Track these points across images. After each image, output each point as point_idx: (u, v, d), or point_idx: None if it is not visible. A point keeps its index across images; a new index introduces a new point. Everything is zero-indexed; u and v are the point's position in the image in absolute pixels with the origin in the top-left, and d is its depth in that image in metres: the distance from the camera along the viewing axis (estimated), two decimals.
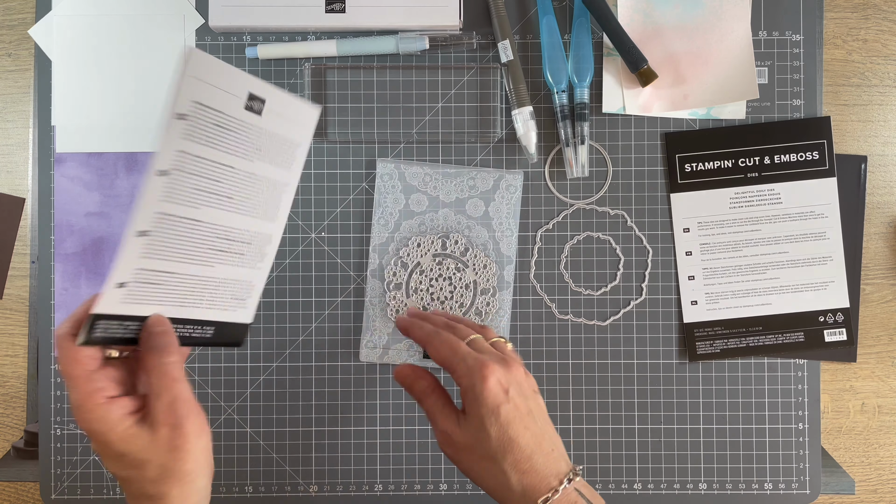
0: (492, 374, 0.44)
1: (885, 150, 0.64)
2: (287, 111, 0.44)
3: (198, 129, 0.40)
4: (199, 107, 0.39)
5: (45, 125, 0.62)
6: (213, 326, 0.46)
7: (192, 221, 0.41)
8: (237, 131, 0.42)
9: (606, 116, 0.63)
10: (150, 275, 0.41)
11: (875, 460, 0.63)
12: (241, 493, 0.62)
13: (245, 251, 0.45)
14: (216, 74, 0.39)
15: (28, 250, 0.64)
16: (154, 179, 0.39)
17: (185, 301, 0.44)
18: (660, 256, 0.63)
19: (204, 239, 0.43)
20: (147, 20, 0.62)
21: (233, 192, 0.43)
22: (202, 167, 0.41)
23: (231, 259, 0.45)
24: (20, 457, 0.63)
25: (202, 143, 0.40)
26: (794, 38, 0.62)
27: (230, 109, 0.41)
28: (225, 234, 0.43)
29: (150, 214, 0.39)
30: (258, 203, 0.45)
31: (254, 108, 0.42)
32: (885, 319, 0.63)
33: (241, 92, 0.41)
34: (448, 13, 0.60)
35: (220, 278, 0.45)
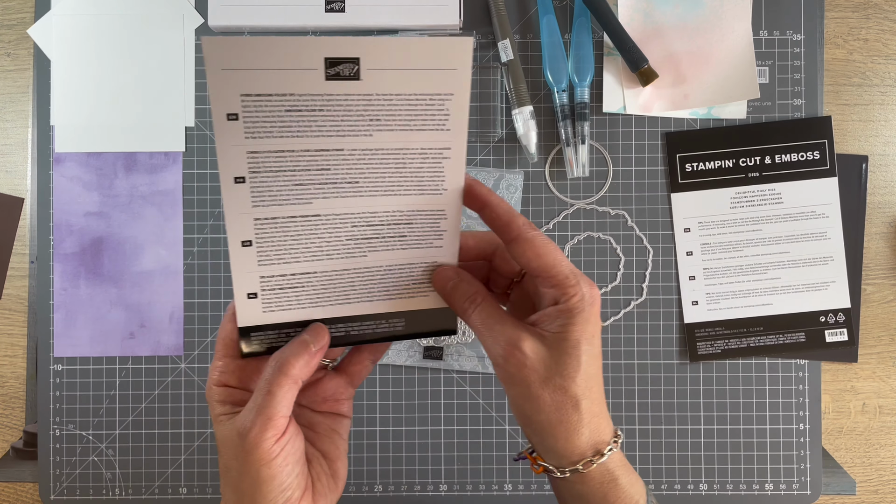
0: (599, 296, 0.37)
1: (886, 149, 0.63)
2: (408, 59, 0.34)
3: (260, 123, 0.33)
4: (251, 99, 0.33)
5: (45, 125, 0.62)
6: (401, 318, 0.40)
7: (308, 218, 0.36)
8: (326, 109, 0.34)
9: (607, 116, 0.62)
10: (281, 280, 0.37)
11: (876, 461, 0.63)
12: None
13: (406, 232, 0.38)
14: (256, 55, 0.32)
15: (27, 250, 0.63)
16: (232, 188, 0.34)
17: (349, 297, 0.39)
18: (660, 256, 0.63)
19: (334, 231, 0.37)
20: (146, 20, 0.62)
21: (355, 175, 0.36)
22: (290, 161, 0.35)
23: (386, 244, 0.38)
24: (19, 457, 0.63)
25: (276, 137, 0.34)
26: (795, 37, 0.62)
27: (303, 86, 0.33)
28: (364, 220, 0.37)
29: (246, 224, 0.35)
30: (402, 179, 0.37)
31: (343, 74, 0.33)
32: (886, 320, 0.63)
33: (310, 62, 0.33)
34: (448, 12, 0.60)
35: (383, 266, 0.38)
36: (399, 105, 0.35)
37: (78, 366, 0.62)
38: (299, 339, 0.37)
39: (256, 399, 0.35)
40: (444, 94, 0.35)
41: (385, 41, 0.33)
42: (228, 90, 0.32)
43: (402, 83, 0.34)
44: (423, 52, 0.33)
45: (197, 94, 0.62)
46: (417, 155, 0.36)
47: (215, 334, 0.62)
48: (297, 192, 0.35)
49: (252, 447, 0.34)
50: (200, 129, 0.62)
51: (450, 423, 0.62)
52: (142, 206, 0.62)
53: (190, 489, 0.62)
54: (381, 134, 0.35)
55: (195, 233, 0.62)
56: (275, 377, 0.35)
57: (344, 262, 0.38)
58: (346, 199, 0.36)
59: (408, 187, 0.37)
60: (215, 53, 0.31)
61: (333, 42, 0.32)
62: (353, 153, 0.35)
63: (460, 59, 0.34)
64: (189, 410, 0.62)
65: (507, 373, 0.36)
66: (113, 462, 0.62)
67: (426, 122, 0.35)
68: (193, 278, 0.62)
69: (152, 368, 0.62)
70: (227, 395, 0.37)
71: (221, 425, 0.36)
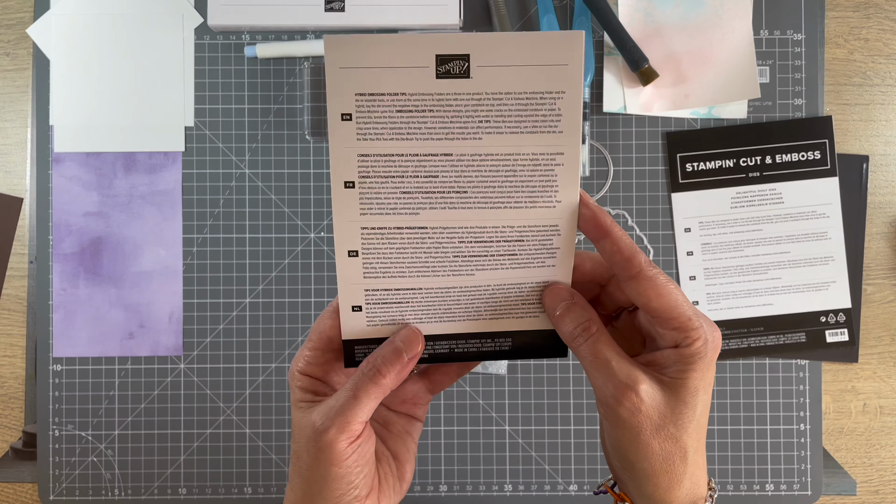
0: (720, 341, 0.35)
1: (886, 149, 0.63)
2: (518, 54, 0.32)
3: (372, 124, 0.33)
4: (365, 98, 0.32)
5: (44, 125, 0.62)
6: (508, 337, 0.38)
7: (414, 230, 0.35)
8: (436, 109, 0.33)
9: (607, 116, 0.62)
10: (386, 294, 0.36)
11: (877, 461, 0.63)
12: (240, 494, 0.62)
13: (517, 250, 0.36)
14: (372, 53, 0.32)
15: (26, 250, 0.63)
16: (342, 193, 0.34)
17: (454, 315, 0.37)
18: (661, 256, 0.62)
19: (440, 246, 0.36)
20: (146, 19, 0.62)
21: (463, 184, 0.35)
22: (399, 166, 0.34)
23: (495, 262, 0.36)
24: (18, 458, 0.63)
25: (386, 139, 0.33)
26: (796, 37, 0.62)
27: (414, 85, 0.32)
28: (472, 236, 0.36)
29: (353, 232, 0.34)
30: (513, 189, 0.35)
31: (453, 72, 0.32)
32: (887, 320, 0.63)
33: (422, 59, 0.32)
34: (448, 12, 0.60)
35: (491, 285, 0.37)
36: (509, 104, 0.33)
37: (77, 366, 0.62)
38: (393, 346, 0.36)
39: (340, 399, 0.35)
40: (556, 93, 0.33)
41: (495, 36, 0.32)
42: (345, 89, 0.32)
43: (511, 80, 0.33)
44: (533, 47, 0.32)
45: (196, 94, 0.62)
46: (528, 161, 0.34)
47: (215, 334, 0.62)
48: (404, 200, 0.34)
49: (326, 446, 0.34)
50: (200, 128, 0.62)
51: (450, 423, 0.62)
52: (141, 206, 0.62)
53: (189, 489, 0.62)
54: (490, 137, 0.34)
55: (195, 233, 0.62)
56: (363, 382, 0.35)
57: (450, 279, 0.36)
58: (454, 210, 0.35)
59: (518, 199, 0.35)
60: (335, 52, 0.31)
61: (444, 38, 0.32)
62: (462, 159, 0.34)
63: (572, 54, 0.32)
64: (188, 411, 0.62)
65: (618, 416, 0.34)
66: (112, 462, 0.62)
67: (537, 124, 0.34)
68: (193, 278, 0.62)
69: (151, 369, 0.62)
70: (309, 384, 0.37)
71: (300, 412, 0.36)
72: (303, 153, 0.62)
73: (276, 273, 0.62)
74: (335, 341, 0.36)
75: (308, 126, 0.61)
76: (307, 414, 0.35)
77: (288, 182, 0.62)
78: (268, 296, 0.62)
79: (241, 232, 0.62)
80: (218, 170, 0.62)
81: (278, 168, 0.62)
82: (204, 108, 0.62)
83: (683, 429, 0.34)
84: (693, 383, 0.34)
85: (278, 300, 0.62)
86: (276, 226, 0.62)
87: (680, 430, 0.34)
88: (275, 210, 0.62)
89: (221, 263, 0.62)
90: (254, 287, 0.62)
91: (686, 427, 0.34)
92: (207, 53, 0.62)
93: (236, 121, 0.62)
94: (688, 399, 0.34)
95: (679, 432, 0.34)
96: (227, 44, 0.62)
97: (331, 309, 0.37)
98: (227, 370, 0.62)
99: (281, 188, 0.62)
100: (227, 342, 0.62)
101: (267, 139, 0.62)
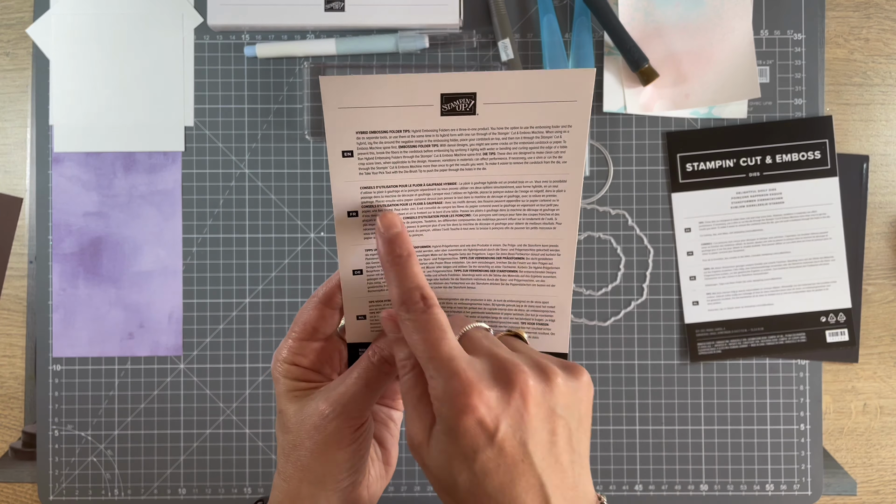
0: (478, 401, 0.29)
1: (887, 149, 0.63)
2: (526, 91, 0.33)
3: (375, 159, 0.33)
4: (366, 136, 0.33)
5: (43, 125, 0.62)
6: None
7: (418, 249, 0.36)
8: (441, 144, 0.33)
9: (607, 116, 0.62)
10: (389, 304, 0.37)
11: (877, 461, 0.63)
12: (240, 494, 0.62)
13: (517, 267, 0.37)
14: (371, 93, 0.32)
15: (26, 250, 0.63)
16: (345, 221, 0.34)
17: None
18: (661, 256, 0.62)
19: (443, 262, 0.37)
20: (146, 19, 0.62)
21: (466, 209, 0.35)
22: (403, 195, 0.34)
23: (495, 278, 0.37)
24: (18, 458, 0.63)
25: (389, 172, 0.34)
26: (796, 37, 0.62)
27: (418, 123, 0.33)
28: (473, 252, 0.36)
29: (357, 254, 0.35)
30: (515, 212, 0.36)
31: (458, 109, 0.33)
32: (887, 320, 0.63)
33: (426, 98, 0.32)
34: (448, 12, 0.60)
35: (492, 300, 0.38)
36: (515, 138, 0.34)
37: (77, 366, 0.62)
38: (397, 336, 0.35)
39: (348, 386, 0.35)
40: (563, 127, 0.33)
41: (503, 75, 0.32)
42: (344, 128, 0.32)
43: (518, 116, 0.33)
44: (543, 85, 0.32)
45: (196, 94, 0.62)
46: (531, 188, 0.35)
47: (215, 334, 0.62)
48: (408, 224, 0.35)
49: (335, 432, 0.34)
50: (200, 128, 0.62)
51: None
52: (141, 206, 0.62)
53: (189, 489, 0.62)
54: (494, 167, 0.34)
55: (194, 233, 0.62)
56: (370, 370, 0.35)
57: (451, 291, 0.37)
58: (455, 231, 0.36)
59: (520, 221, 0.36)
60: (333, 92, 0.31)
61: (449, 78, 0.32)
62: (466, 187, 0.35)
63: (581, 91, 0.32)
64: (188, 411, 0.62)
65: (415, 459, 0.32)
66: (112, 462, 0.62)
67: (542, 155, 0.34)
68: (192, 278, 0.62)
69: (151, 369, 0.62)
70: (297, 373, 0.37)
71: (294, 401, 0.36)
72: (303, 153, 0.62)
73: (276, 273, 0.62)
74: (319, 331, 0.37)
75: (308, 126, 0.61)
76: (308, 402, 0.35)
77: (288, 182, 0.62)
78: (268, 296, 0.62)
79: (241, 232, 0.62)
80: (218, 170, 0.62)
81: (278, 168, 0.62)
82: (204, 108, 0.62)
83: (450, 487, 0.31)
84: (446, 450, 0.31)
85: (278, 300, 0.62)
86: (276, 226, 0.62)
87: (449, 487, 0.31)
88: (275, 210, 0.62)
89: (221, 263, 0.62)
90: (254, 287, 0.62)
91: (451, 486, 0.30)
92: (207, 53, 0.62)
93: (236, 121, 0.62)
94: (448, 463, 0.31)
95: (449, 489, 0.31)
96: (227, 44, 0.62)
97: (315, 299, 0.37)
98: (227, 370, 0.62)
99: (281, 188, 0.62)
100: (226, 342, 0.62)
101: (267, 139, 0.62)
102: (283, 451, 0.36)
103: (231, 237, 0.62)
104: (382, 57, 0.62)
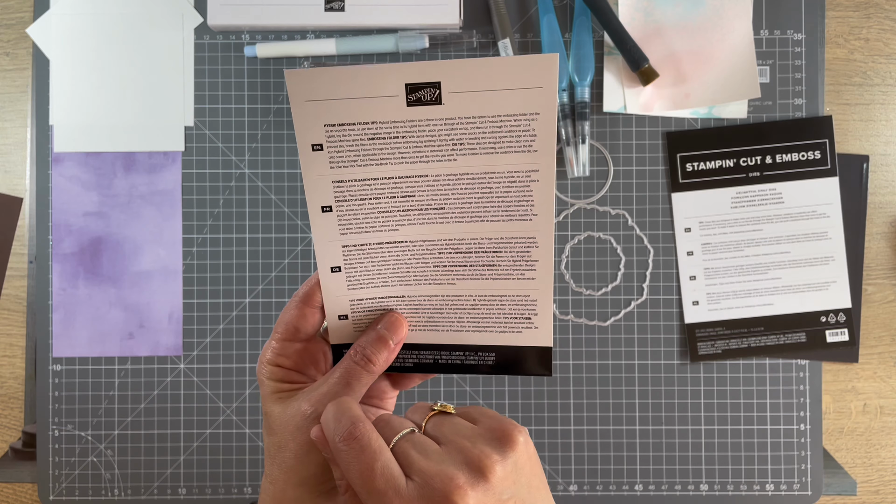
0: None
1: (886, 149, 0.63)
2: (490, 79, 0.32)
3: (345, 152, 0.33)
4: (334, 129, 0.33)
5: (43, 124, 0.62)
6: (492, 352, 0.39)
7: (395, 244, 0.36)
8: (409, 135, 0.33)
9: (607, 115, 0.62)
10: (370, 303, 0.37)
11: (877, 461, 0.63)
12: (240, 494, 0.62)
13: (495, 261, 0.37)
14: (337, 85, 0.32)
15: (26, 250, 0.63)
16: (320, 217, 0.35)
17: (437, 324, 0.38)
18: (661, 256, 0.62)
19: (421, 258, 0.36)
20: (146, 19, 0.62)
21: (440, 201, 0.35)
22: (376, 189, 0.35)
23: (475, 272, 0.37)
24: (18, 458, 0.63)
25: (360, 165, 0.34)
26: (796, 37, 0.62)
27: (385, 114, 0.33)
28: (451, 247, 0.36)
29: (334, 251, 0.36)
30: (489, 204, 0.36)
31: (424, 99, 0.33)
32: (888, 320, 0.63)
33: (391, 88, 0.32)
34: (448, 11, 0.60)
35: (472, 295, 0.38)
36: (483, 128, 0.34)
37: (77, 366, 0.62)
38: (377, 333, 0.36)
39: (329, 386, 0.35)
40: (530, 114, 0.33)
41: (466, 63, 0.32)
42: (312, 121, 0.32)
43: (485, 105, 0.33)
44: (506, 72, 0.32)
45: (196, 94, 0.62)
46: (504, 179, 0.35)
47: (215, 334, 0.62)
48: (383, 219, 0.35)
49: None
50: (200, 128, 0.62)
51: None
52: (141, 206, 0.62)
53: (189, 489, 0.62)
54: (465, 158, 0.34)
55: (194, 233, 0.62)
56: (353, 370, 0.35)
57: (432, 288, 0.37)
58: (432, 224, 0.36)
59: (495, 213, 0.36)
60: (299, 85, 0.32)
61: (414, 67, 0.32)
62: (438, 179, 0.35)
63: (546, 77, 0.32)
64: (188, 411, 0.62)
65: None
66: (112, 462, 0.62)
67: (512, 144, 0.34)
68: (192, 278, 0.62)
69: (151, 369, 0.62)
70: (281, 374, 0.36)
71: (279, 403, 0.36)
72: None
73: (276, 273, 0.62)
74: (301, 332, 0.37)
75: None
76: (291, 403, 0.35)
77: (288, 182, 0.62)
78: (268, 296, 0.62)
79: (241, 232, 0.62)
80: (218, 170, 0.62)
81: (278, 168, 0.62)
82: (204, 108, 0.62)
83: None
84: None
85: (278, 300, 0.62)
86: (275, 226, 0.62)
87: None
88: (275, 210, 0.62)
89: (221, 263, 0.62)
90: (254, 287, 0.62)
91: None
92: (207, 53, 0.62)
93: (236, 121, 0.62)
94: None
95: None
96: (227, 43, 0.62)
97: (296, 299, 0.37)
98: (227, 370, 0.62)
99: (281, 188, 0.62)
100: (226, 342, 0.62)
101: (267, 139, 0.62)
102: (269, 454, 0.36)
103: (231, 237, 0.62)
104: (382, 57, 0.62)
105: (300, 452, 0.34)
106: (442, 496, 0.29)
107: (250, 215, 0.62)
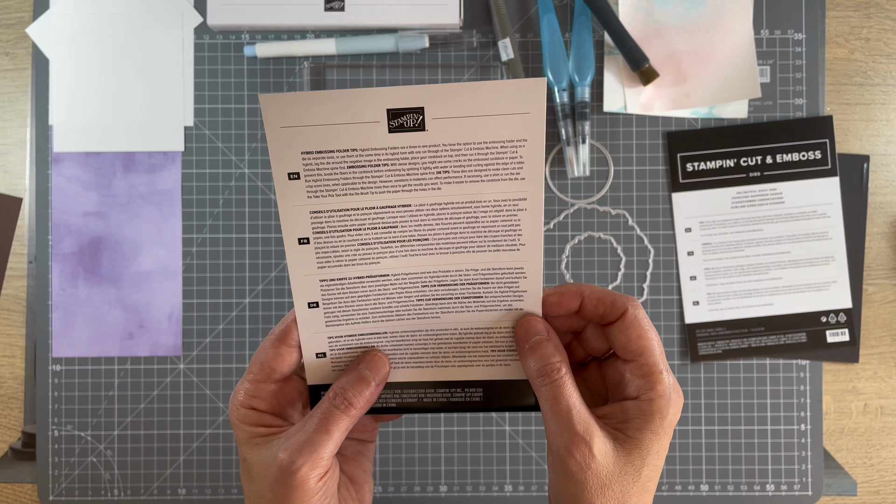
0: (682, 398, 0.34)
1: (887, 149, 0.63)
2: (476, 105, 0.31)
3: (323, 181, 0.32)
4: (312, 157, 0.31)
5: (43, 124, 0.62)
6: (479, 387, 0.37)
7: (376, 278, 0.34)
8: (391, 163, 0.32)
9: (607, 115, 0.62)
10: (350, 340, 0.35)
11: (877, 461, 0.63)
12: (239, 494, 0.62)
13: (482, 293, 0.35)
14: (315, 111, 0.30)
15: (25, 250, 0.63)
16: (296, 249, 0.33)
17: (421, 361, 0.36)
18: (661, 256, 0.62)
19: (404, 291, 0.35)
20: (145, 18, 0.62)
21: (423, 232, 0.34)
22: (356, 220, 0.33)
23: (460, 305, 0.35)
24: (18, 458, 0.63)
25: (339, 195, 0.32)
26: (797, 36, 0.62)
27: (366, 141, 0.31)
28: (435, 279, 0.35)
29: (311, 285, 0.34)
30: (475, 234, 0.34)
31: (407, 125, 0.31)
32: (888, 320, 0.63)
33: (372, 114, 0.31)
34: (448, 11, 0.60)
35: (458, 329, 0.36)
36: (468, 155, 0.32)
37: (76, 366, 0.62)
38: (358, 374, 0.35)
39: (308, 432, 0.33)
40: (517, 141, 0.32)
41: (450, 87, 0.30)
42: (289, 148, 0.31)
43: (470, 131, 0.31)
44: (492, 97, 0.31)
45: (196, 94, 0.62)
46: (490, 208, 0.33)
47: (214, 334, 0.62)
48: (363, 251, 0.34)
49: (299, 484, 0.33)
50: (199, 128, 0.62)
51: (450, 423, 0.62)
52: (140, 206, 0.62)
53: (189, 490, 0.62)
54: (450, 187, 0.32)
55: (194, 233, 0.62)
56: (332, 414, 0.34)
57: (416, 322, 0.36)
58: (415, 257, 0.34)
59: (482, 243, 0.34)
60: (274, 110, 0.30)
61: (395, 92, 0.30)
62: (422, 209, 0.33)
63: (533, 102, 0.31)
64: (188, 411, 0.62)
65: (567, 468, 0.32)
66: (112, 463, 0.62)
67: (498, 172, 0.32)
68: (192, 278, 0.62)
69: (151, 369, 0.62)
70: (256, 418, 0.35)
71: (255, 449, 0.34)
72: None
73: (276, 273, 0.62)
74: (277, 372, 0.35)
75: None
76: (268, 451, 0.34)
77: None
78: (268, 296, 0.62)
79: (241, 232, 0.62)
80: (218, 170, 0.62)
81: None
82: (203, 108, 0.62)
83: (627, 493, 0.33)
84: (647, 444, 0.33)
85: (278, 300, 0.62)
86: (275, 226, 0.62)
87: (625, 494, 0.33)
88: (274, 210, 0.62)
89: (221, 263, 0.62)
90: (254, 287, 0.62)
91: (630, 490, 0.33)
92: (207, 53, 0.62)
93: (236, 120, 0.62)
94: (639, 462, 0.33)
95: (624, 496, 0.33)
96: (227, 43, 0.62)
97: (272, 337, 0.35)
98: (227, 370, 0.62)
99: None
100: (226, 342, 0.62)
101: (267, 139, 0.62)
102: (248, 500, 0.35)
103: (231, 237, 0.62)
104: (382, 57, 0.62)
105: (278, 503, 0.33)
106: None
107: (250, 215, 0.62)
